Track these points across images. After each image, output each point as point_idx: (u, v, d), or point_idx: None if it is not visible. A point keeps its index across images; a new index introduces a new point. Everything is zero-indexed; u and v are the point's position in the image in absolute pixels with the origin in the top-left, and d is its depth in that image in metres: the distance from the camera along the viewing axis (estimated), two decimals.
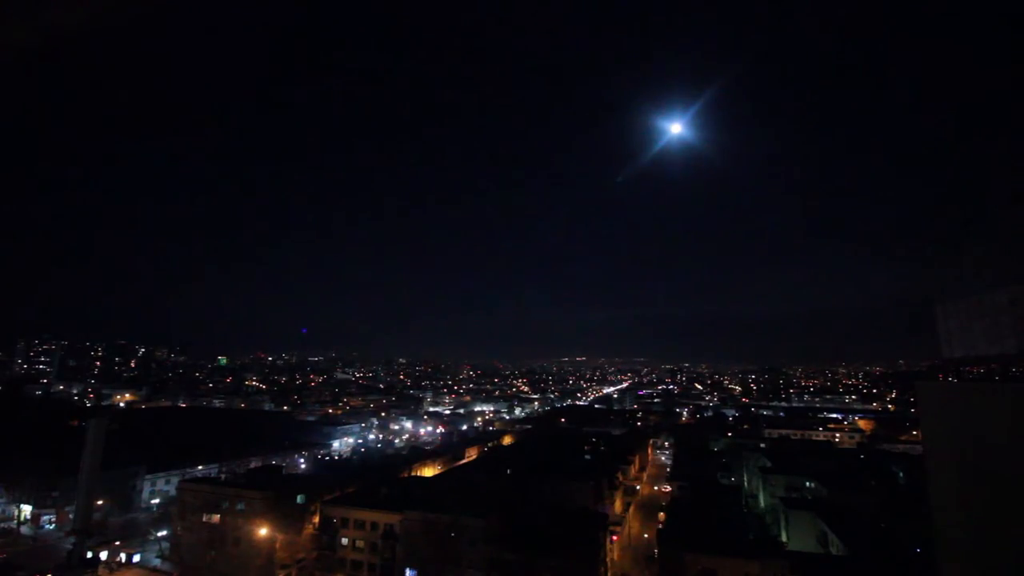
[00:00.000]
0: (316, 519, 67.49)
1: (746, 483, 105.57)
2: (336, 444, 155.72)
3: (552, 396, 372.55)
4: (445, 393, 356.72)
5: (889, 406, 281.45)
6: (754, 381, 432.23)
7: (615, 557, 71.74)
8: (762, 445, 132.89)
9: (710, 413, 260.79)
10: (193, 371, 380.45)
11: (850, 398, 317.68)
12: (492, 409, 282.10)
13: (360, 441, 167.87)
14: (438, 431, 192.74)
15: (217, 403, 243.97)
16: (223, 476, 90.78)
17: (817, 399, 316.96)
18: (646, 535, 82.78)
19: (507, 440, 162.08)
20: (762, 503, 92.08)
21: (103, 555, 68.96)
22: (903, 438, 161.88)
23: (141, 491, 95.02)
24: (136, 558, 70.19)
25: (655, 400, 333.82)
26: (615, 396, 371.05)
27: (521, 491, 76.48)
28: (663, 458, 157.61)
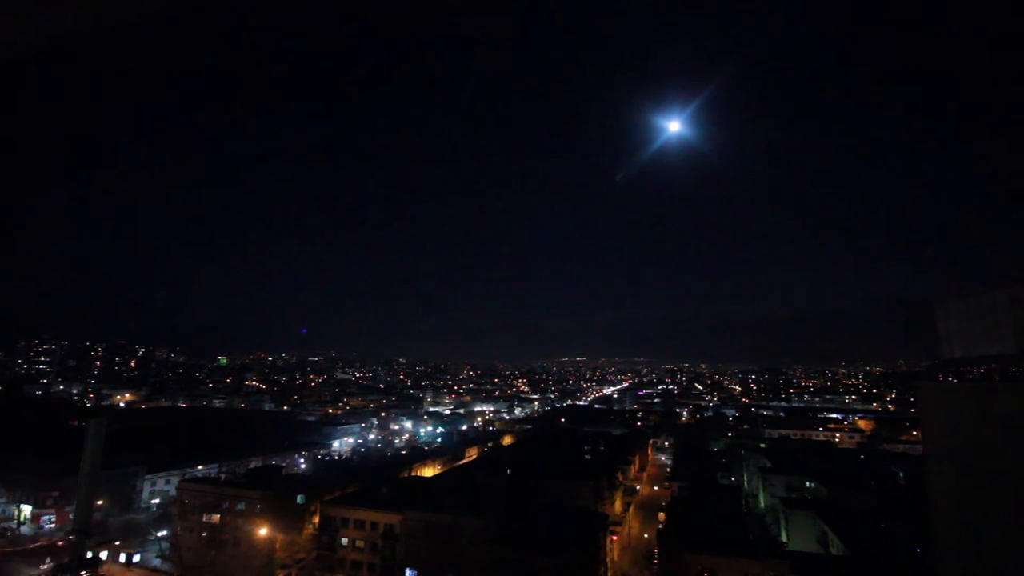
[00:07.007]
0: (316, 519, 67.48)
1: (746, 483, 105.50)
2: (336, 444, 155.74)
3: (552, 396, 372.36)
4: (445, 393, 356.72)
5: (889, 406, 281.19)
6: (754, 381, 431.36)
7: (615, 557, 71.71)
8: (762, 445, 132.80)
9: (710, 413, 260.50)
10: (193, 371, 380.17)
11: (850, 398, 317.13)
12: (492, 409, 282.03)
13: (360, 441, 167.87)
14: (438, 431, 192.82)
15: (217, 403, 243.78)
16: (223, 476, 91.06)
17: (817, 399, 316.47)
18: (646, 535, 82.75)
19: (507, 440, 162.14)
20: (762, 503, 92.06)
21: (103, 555, 69.00)
22: (903, 438, 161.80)
23: (141, 491, 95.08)
24: (136, 558, 70.18)
25: (655, 400, 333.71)
26: (615, 396, 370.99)
27: (521, 491, 76.42)
28: (663, 458, 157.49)
